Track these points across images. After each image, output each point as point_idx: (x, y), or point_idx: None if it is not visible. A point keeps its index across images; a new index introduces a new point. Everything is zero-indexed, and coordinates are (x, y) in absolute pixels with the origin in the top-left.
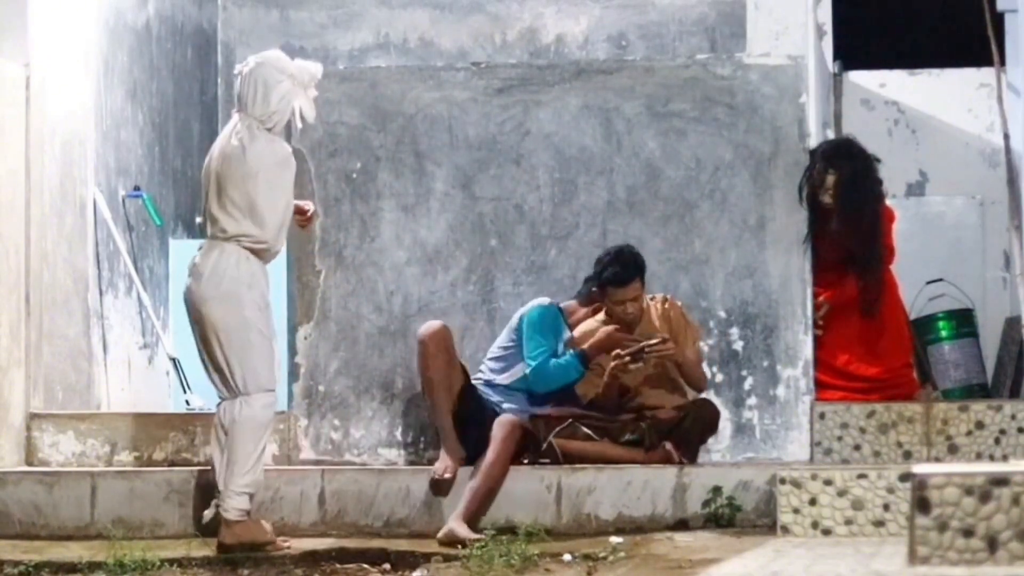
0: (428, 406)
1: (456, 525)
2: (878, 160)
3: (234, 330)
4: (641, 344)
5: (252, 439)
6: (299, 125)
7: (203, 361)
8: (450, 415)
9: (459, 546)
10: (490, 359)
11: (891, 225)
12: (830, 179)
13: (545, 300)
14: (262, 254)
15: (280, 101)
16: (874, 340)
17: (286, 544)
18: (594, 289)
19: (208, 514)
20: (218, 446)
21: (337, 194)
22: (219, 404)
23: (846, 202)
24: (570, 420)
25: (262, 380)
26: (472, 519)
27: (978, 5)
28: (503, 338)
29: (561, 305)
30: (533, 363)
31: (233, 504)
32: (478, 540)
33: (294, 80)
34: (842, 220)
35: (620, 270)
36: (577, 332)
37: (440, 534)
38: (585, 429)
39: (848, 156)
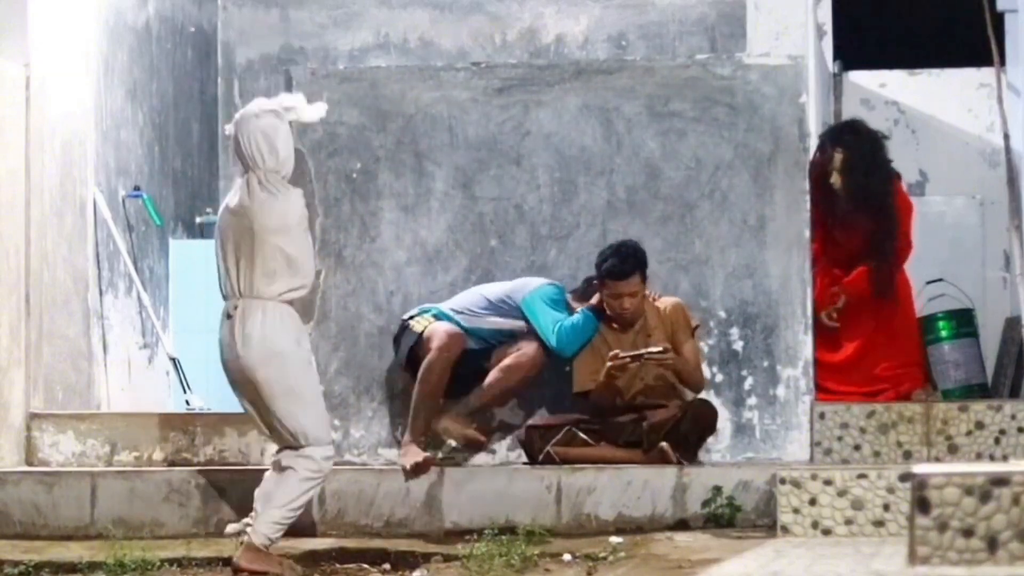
0: (418, 396)
1: (460, 422)
2: (886, 137)
3: (287, 392)
4: (641, 351)
5: (304, 485)
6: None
7: (257, 420)
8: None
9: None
10: (477, 307)
11: (909, 215)
12: (837, 157)
13: (551, 282)
14: (297, 301)
15: (286, 146)
16: (885, 336)
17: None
18: (594, 282)
19: (233, 528)
20: (271, 477)
21: (337, 194)
22: (279, 450)
23: (853, 178)
24: (567, 427)
25: (321, 435)
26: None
27: (978, 5)
28: (494, 293)
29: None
30: (556, 331)
31: (264, 531)
32: (476, 439)
33: (286, 121)
34: (850, 196)
35: (618, 263)
36: None
37: (442, 426)
38: (582, 435)
39: (854, 133)
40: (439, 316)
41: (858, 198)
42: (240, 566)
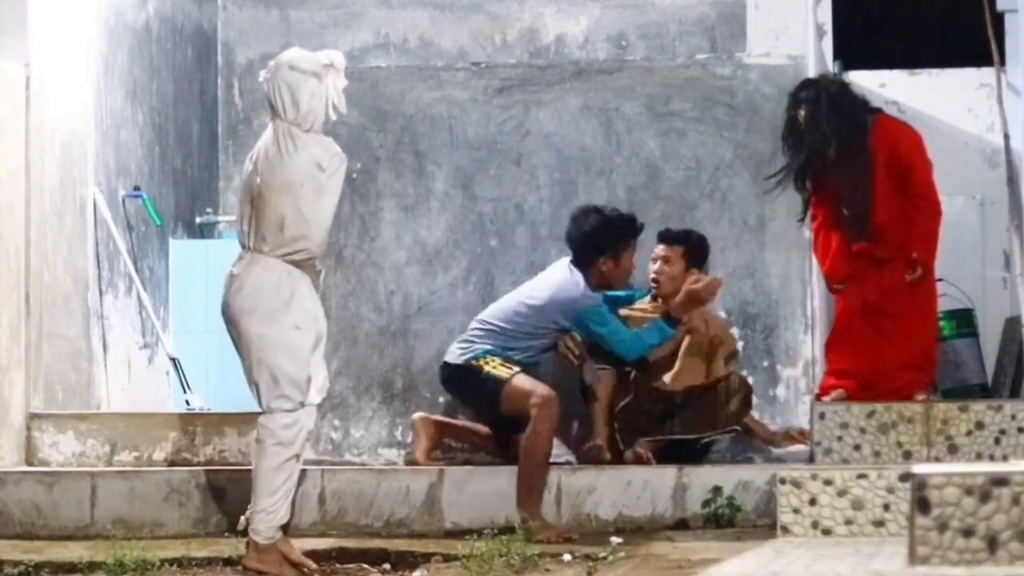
0: (530, 470)
1: (544, 525)
2: (848, 84)
3: (266, 347)
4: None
5: (273, 457)
6: (333, 117)
7: (244, 374)
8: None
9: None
10: (523, 338)
11: (913, 144)
12: (802, 115)
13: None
14: (306, 264)
15: (310, 100)
16: (900, 334)
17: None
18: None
19: (242, 521)
20: (253, 460)
21: None
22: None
23: (820, 129)
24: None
25: (284, 400)
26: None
27: (978, 5)
28: (526, 316)
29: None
30: (639, 348)
31: (261, 526)
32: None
33: (318, 76)
34: (822, 147)
35: (670, 228)
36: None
37: (540, 538)
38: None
39: (811, 86)
40: (505, 358)
41: (829, 146)
42: (249, 567)
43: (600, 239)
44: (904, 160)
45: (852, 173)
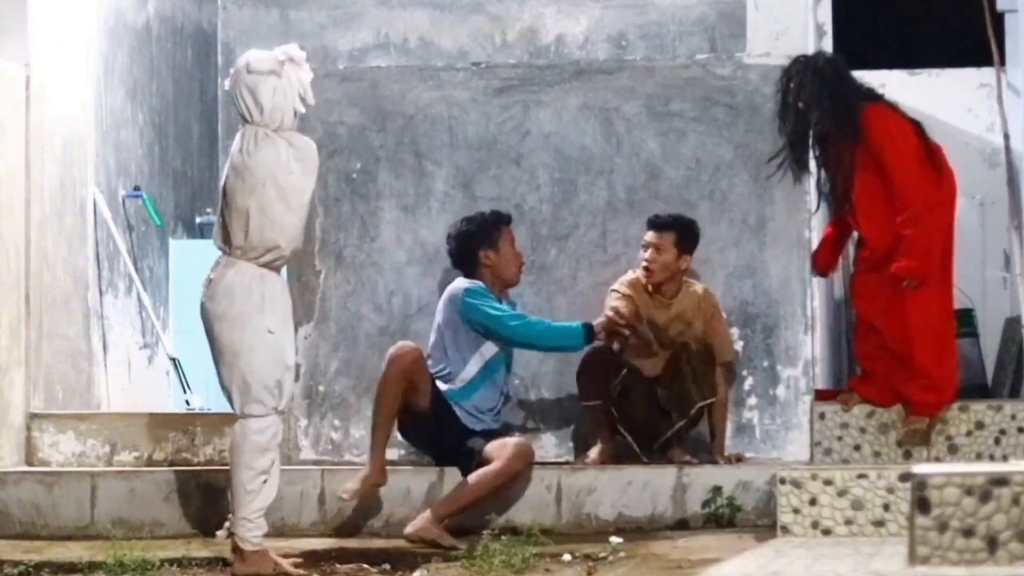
0: (374, 417)
1: (430, 525)
2: (844, 62)
3: (239, 352)
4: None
5: (248, 463)
6: (302, 110)
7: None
8: (386, 436)
9: (430, 546)
10: (435, 371)
11: (886, 134)
12: (792, 86)
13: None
14: (278, 264)
15: (273, 97)
16: (903, 342)
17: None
18: None
19: (221, 535)
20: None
21: (337, 194)
22: None
23: (800, 93)
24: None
25: (257, 406)
26: (444, 520)
27: (978, 5)
28: (439, 337)
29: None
30: (513, 322)
31: (246, 533)
32: (453, 547)
33: (277, 73)
34: (799, 109)
35: (658, 215)
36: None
37: (409, 530)
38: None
39: (801, 60)
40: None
41: (812, 117)
42: (233, 573)
43: (471, 235)
44: (877, 153)
45: (835, 151)
